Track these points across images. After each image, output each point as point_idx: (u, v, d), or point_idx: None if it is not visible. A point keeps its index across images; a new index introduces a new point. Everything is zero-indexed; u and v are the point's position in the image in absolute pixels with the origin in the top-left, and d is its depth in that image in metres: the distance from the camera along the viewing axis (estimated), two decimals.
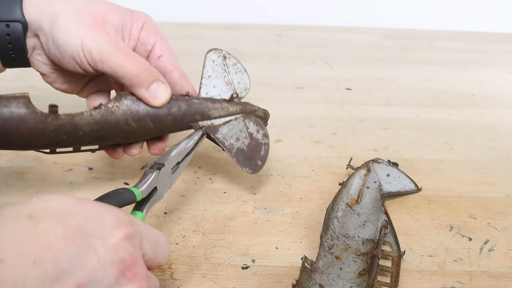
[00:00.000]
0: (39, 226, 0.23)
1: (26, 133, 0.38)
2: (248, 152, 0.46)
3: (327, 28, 1.12)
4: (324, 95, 0.74)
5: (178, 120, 0.42)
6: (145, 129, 0.41)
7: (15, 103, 0.37)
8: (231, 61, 0.48)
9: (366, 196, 0.47)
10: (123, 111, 0.40)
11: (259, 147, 0.46)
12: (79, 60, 0.38)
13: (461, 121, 0.67)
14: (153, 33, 0.43)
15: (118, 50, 0.39)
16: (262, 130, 0.46)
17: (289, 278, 0.38)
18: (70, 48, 0.38)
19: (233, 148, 0.45)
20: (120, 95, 0.41)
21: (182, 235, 0.43)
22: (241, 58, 0.68)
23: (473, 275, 0.39)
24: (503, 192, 0.51)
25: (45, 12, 0.38)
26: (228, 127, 0.45)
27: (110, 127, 0.40)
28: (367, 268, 0.38)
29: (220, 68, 0.47)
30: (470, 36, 1.11)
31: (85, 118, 0.39)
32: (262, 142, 0.46)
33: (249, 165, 0.45)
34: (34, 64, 0.41)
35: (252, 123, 0.46)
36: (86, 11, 0.39)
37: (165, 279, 0.38)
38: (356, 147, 0.59)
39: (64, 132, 0.39)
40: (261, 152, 0.46)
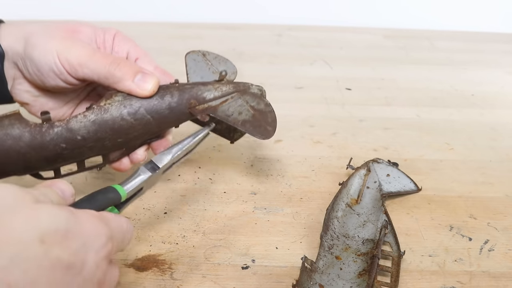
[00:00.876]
0: (49, 255, 0.23)
1: (24, 148, 0.36)
2: (255, 121, 0.44)
3: (327, 28, 1.12)
4: (324, 95, 0.74)
5: (174, 107, 0.42)
6: (144, 123, 0.40)
7: (7, 121, 0.36)
8: (211, 55, 0.48)
9: (366, 196, 0.47)
10: (116, 107, 0.39)
11: (265, 115, 0.45)
12: (58, 70, 0.38)
13: (461, 121, 0.67)
14: (125, 40, 0.44)
15: (95, 51, 0.39)
16: (262, 102, 0.46)
17: (289, 278, 0.38)
18: (47, 61, 0.38)
19: (238, 121, 0.44)
20: (110, 93, 0.40)
21: (182, 235, 0.43)
22: (241, 58, 0.68)
23: (473, 275, 0.39)
24: (503, 192, 0.51)
25: (19, 36, 0.38)
26: (226, 105, 0.44)
27: (108, 125, 0.39)
28: (367, 268, 0.38)
29: (203, 63, 0.47)
30: (470, 36, 1.11)
31: (79, 120, 0.38)
32: (266, 110, 0.45)
33: (259, 132, 0.44)
34: (16, 95, 0.41)
35: (249, 97, 0.45)
36: (57, 27, 0.40)
37: (165, 279, 0.38)
38: (356, 147, 0.59)
39: (62, 140, 0.38)
40: (269, 119, 0.45)
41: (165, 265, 0.39)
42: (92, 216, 0.27)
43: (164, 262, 0.39)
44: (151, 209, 0.46)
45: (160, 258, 0.40)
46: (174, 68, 0.50)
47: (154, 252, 0.40)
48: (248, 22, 1.13)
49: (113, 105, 0.39)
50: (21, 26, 0.40)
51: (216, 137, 0.59)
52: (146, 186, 0.37)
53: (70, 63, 0.38)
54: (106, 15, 1.06)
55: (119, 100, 0.40)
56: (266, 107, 0.46)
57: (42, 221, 0.24)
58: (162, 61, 0.55)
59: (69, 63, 0.38)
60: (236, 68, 0.48)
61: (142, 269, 0.39)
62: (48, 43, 0.38)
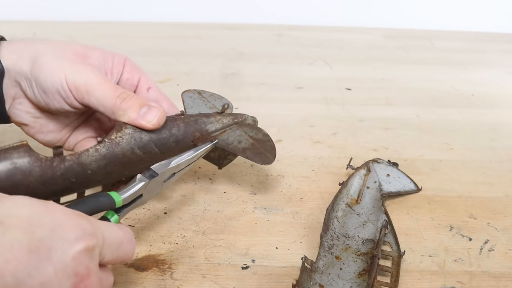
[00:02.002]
0: (7, 235, 0.24)
1: (33, 183, 0.35)
2: (254, 149, 0.46)
3: (327, 28, 1.12)
4: (324, 95, 0.74)
5: (180, 140, 0.42)
6: (151, 155, 0.41)
7: (16, 154, 0.35)
8: (207, 93, 0.49)
9: (366, 196, 0.47)
10: (127, 141, 0.39)
11: (264, 144, 0.46)
12: (64, 95, 0.37)
13: (461, 121, 0.67)
14: (136, 68, 0.43)
15: (104, 81, 0.38)
16: (260, 132, 0.47)
17: (289, 278, 0.38)
18: (54, 83, 0.37)
19: (238, 148, 0.45)
20: (119, 125, 0.39)
21: (182, 235, 0.43)
22: (241, 58, 0.68)
23: (473, 275, 0.39)
24: (503, 192, 0.51)
25: (24, 55, 0.37)
26: (226, 135, 0.45)
27: (118, 159, 0.39)
28: (367, 268, 0.38)
29: (199, 100, 0.48)
30: (470, 36, 1.11)
31: (91, 155, 0.38)
32: (264, 139, 0.46)
33: (260, 158, 0.45)
34: (15, 115, 0.40)
35: (247, 128, 0.47)
36: (66, 48, 0.39)
37: (165, 279, 0.38)
38: (356, 147, 0.59)
39: (72, 175, 0.37)
40: (268, 147, 0.46)
41: (165, 265, 0.39)
42: (70, 211, 0.27)
43: (164, 262, 0.39)
44: (151, 209, 0.46)
45: (160, 258, 0.40)
46: (174, 68, 0.51)
47: (154, 252, 0.40)
48: (248, 22, 1.13)
49: (124, 138, 0.39)
50: (27, 43, 0.38)
51: None
52: (146, 194, 0.36)
53: (77, 88, 0.37)
54: (106, 15, 1.06)
55: (130, 133, 0.39)
56: (264, 137, 0.47)
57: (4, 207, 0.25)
58: (162, 61, 0.56)
59: (76, 88, 0.37)
60: (232, 104, 0.49)
61: (142, 269, 0.39)
62: (57, 65, 0.37)
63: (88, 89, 0.37)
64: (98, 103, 0.38)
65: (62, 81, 0.37)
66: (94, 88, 0.37)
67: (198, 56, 0.88)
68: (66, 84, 0.37)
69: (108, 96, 0.38)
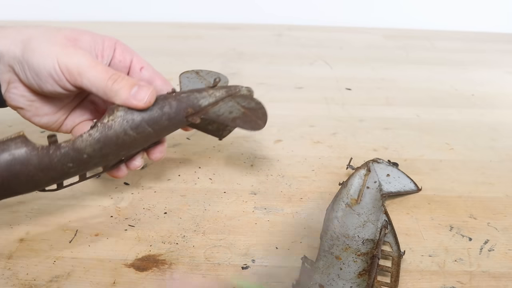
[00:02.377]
0: None
1: (33, 171, 0.37)
2: (245, 117, 0.45)
3: (327, 28, 1.12)
4: (324, 95, 0.74)
5: (172, 117, 0.42)
6: (145, 135, 0.41)
7: (13, 145, 0.36)
8: (204, 72, 0.49)
9: (366, 196, 0.47)
10: (119, 123, 0.39)
11: (256, 112, 0.46)
12: (57, 77, 0.38)
13: (461, 121, 0.67)
14: (127, 50, 0.44)
15: (96, 63, 0.39)
16: (253, 101, 0.46)
17: (289, 278, 0.38)
18: (46, 66, 0.38)
19: (228, 118, 0.45)
20: (111, 109, 0.40)
21: (182, 235, 0.43)
22: (241, 58, 0.68)
23: (473, 275, 0.39)
24: (503, 192, 0.51)
25: (16, 39, 0.38)
26: (217, 107, 0.45)
27: (112, 142, 0.40)
28: (367, 268, 0.38)
29: (196, 79, 0.48)
30: (470, 36, 1.11)
31: (85, 139, 0.38)
32: (257, 108, 0.46)
33: (250, 125, 0.45)
34: (11, 99, 0.41)
35: (240, 99, 0.46)
36: (58, 33, 0.39)
37: (165, 279, 0.38)
38: (356, 147, 0.59)
39: (69, 160, 0.38)
40: (259, 115, 0.46)
41: (165, 265, 0.39)
42: None
43: (164, 262, 0.39)
44: (151, 209, 0.46)
45: (160, 258, 0.40)
46: (174, 68, 0.51)
47: (154, 252, 0.40)
48: (248, 22, 1.13)
49: (116, 121, 0.39)
50: (19, 29, 0.39)
51: (215, 137, 0.59)
52: None
53: (69, 70, 0.38)
54: (106, 15, 1.06)
55: (121, 115, 0.40)
56: (257, 105, 0.46)
57: None
58: (162, 61, 0.56)
59: (68, 70, 0.38)
60: (228, 78, 0.49)
61: (142, 269, 0.39)
62: (49, 48, 0.38)
63: (80, 71, 0.38)
64: (91, 85, 0.38)
65: (54, 64, 0.38)
66: (86, 70, 0.38)
67: (198, 56, 0.88)
68: (58, 67, 0.38)
69: (100, 77, 0.38)
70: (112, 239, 0.42)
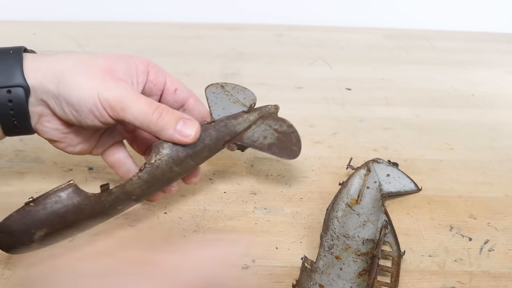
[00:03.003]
0: None
1: (85, 219, 0.38)
2: (280, 143, 0.46)
3: (327, 28, 1.12)
4: (324, 95, 0.74)
5: (212, 148, 0.43)
6: (187, 168, 0.42)
7: (65, 195, 0.36)
8: (230, 86, 0.48)
9: (366, 196, 0.47)
10: (166, 161, 0.40)
11: (289, 136, 0.46)
12: (98, 113, 0.37)
13: (461, 121, 0.67)
14: (160, 71, 0.43)
15: (137, 96, 0.38)
16: (284, 123, 0.47)
17: (289, 278, 0.38)
18: (87, 103, 0.36)
19: (264, 145, 0.45)
20: (157, 146, 0.40)
21: (182, 235, 0.43)
22: (241, 58, 0.68)
23: (473, 275, 0.39)
24: (503, 192, 0.51)
25: (48, 74, 0.37)
26: (251, 132, 0.45)
27: (158, 180, 0.40)
28: (367, 268, 0.38)
29: (222, 94, 0.47)
30: (470, 36, 1.11)
31: (135, 182, 0.39)
32: (289, 131, 0.47)
33: (286, 153, 0.45)
34: (43, 132, 0.40)
35: (272, 121, 0.46)
36: (92, 64, 0.38)
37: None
38: (356, 147, 0.59)
39: (119, 203, 0.39)
40: (293, 140, 0.46)
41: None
42: None
43: None
44: (151, 209, 0.46)
45: None
46: (174, 68, 0.51)
47: None
48: (248, 22, 1.13)
49: (162, 160, 0.40)
50: (49, 61, 0.37)
51: None
52: None
53: (112, 106, 0.37)
54: (106, 15, 1.06)
55: (167, 153, 0.40)
56: (289, 128, 0.47)
57: None
58: (163, 61, 0.55)
59: (111, 106, 0.37)
60: (255, 95, 0.48)
61: None
62: (88, 85, 0.36)
63: (123, 106, 0.37)
64: (134, 119, 0.37)
65: (95, 101, 0.36)
66: (129, 104, 0.37)
67: (198, 56, 0.88)
68: (100, 104, 0.37)
69: (144, 111, 0.37)
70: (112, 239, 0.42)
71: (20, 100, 0.36)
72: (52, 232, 0.37)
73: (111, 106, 0.37)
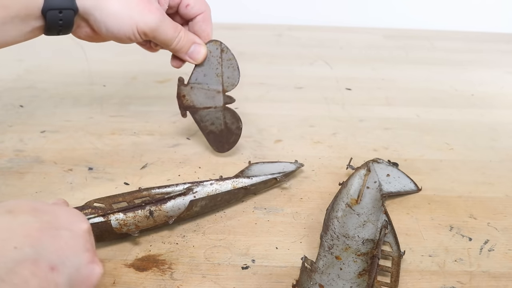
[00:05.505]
0: (18, 219, 0.27)
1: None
2: (219, 136, 0.54)
3: (327, 28, 1.12)
4: (324, 95, 0.74)
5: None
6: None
7: None
8: (227, 55, 0.52)
9: (366, 196, 0.47)
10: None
11: (230, 135, 0.54)
12: (135, 38, 0.45)
13: (461, 121, 0.67)
14: None
15: (167, 23, 0.46)
16: (237, 123, 0.53)
17: (289, 278, 0.38)
18: (126, 31, 0.44)
19: (206, 129, 0.54)
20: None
21: (182, 235, 0.43)
22: (241, 58, 0.68)
23: (473, 275, 0.39)
24: (503, 192, 0.51)
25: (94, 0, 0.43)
26: (206, 112, 0.52)
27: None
28: (367, 268, 0.38)
29: (215, 59, 0.51)
30: (470, 36, 1.11)
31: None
32: (234, 132, 0.54)
33: (216, 146, 0.54)
34: (78, 35, 0.47)
35: (229, 115, 0.53)
36: None
37: (165, 279, 0.38)
38: (356, 147, 0.59)
39: None
40: (230, 140, 0.54)
41: (165, 265, 0.39)
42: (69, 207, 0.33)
43: (164, 262, 0.39)
44: None
45: (160, 258, 0.40)
46: (174, 68, 0.51)
47: (154, 252, 0.40)
48: (248, 22, 1.13)
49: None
50: None
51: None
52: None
53: (146, 34, 0.45)
54: None
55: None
56: (236, 130, 0.53)
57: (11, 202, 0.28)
58: (163, 61, 0.56)
59: (146, 34, 0.45)
60: (239, 80, 0.52)
61: (142, 269, 0.39)
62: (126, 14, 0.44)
63: (155, 34, 0.46)
64: (161, 42, 0.47)
65: (134, 31, 0.44)
66: (160, 31, 0.46)
67: None
68: (137, 33, 0.45)
69: (170, 37, 0.47)
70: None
71: (69, 18, 0.44)
72: None
73: (146, 33, 0.45)
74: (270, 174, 0.49)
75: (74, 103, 0.69)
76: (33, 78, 0.77)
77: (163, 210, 0.42)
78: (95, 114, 0.65)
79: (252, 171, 0.50)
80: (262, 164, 0.52)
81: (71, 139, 0.58)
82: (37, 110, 0.66)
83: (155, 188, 0.45)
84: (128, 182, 0.50)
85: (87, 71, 0.81)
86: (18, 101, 0.68)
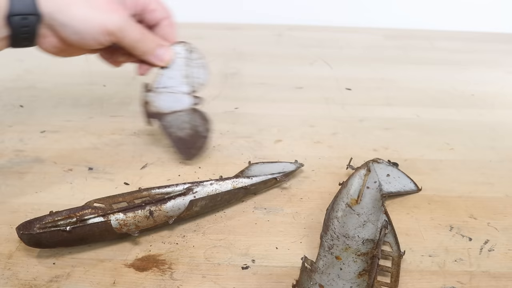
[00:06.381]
0: None
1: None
2: (187, 141, 0.53)
3: (327, 28, 1.12)
4: (324, 95, 0.74)
5: None
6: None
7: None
8: (195, 55, 0.52)
9: (366, 196, 0.47)
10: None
11: (198, 139, 0.53)
12: (103, 40, 0.44)
13: (461, 121, 0.67)
14: None
15: (134, 26, 0.46)
16: (206, 125, 0.53)
17: (289, 278, 0.38)
18: (92, 33, 0.43)
19: (172, 135, 0.52)
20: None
21: (182, 235, 0.43)
22: (241, 58, 0.68)
23: (473, 275, 0.39)
24: (503, 192, 0.51)
25: (58, 3, 0.42)
26: (175, 116, 0.51)
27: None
28: (367, 268, 0.38)
29: (181, 61, 0.51)
30: (470, 36, 1.11)
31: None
32: (202, 135, 0.53)
33: (184, 153, 0.53)
34: (43, 47, 0.45)
35: (198, 118, 0.52)
36: None
37: (165, 279, 0.38)
38: (356, 147, 0.59)
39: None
40: (198, 144, 0.53)
41: (165, 265, 0.39)
42: None
43: (164, 262, 0.39)
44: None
45: (160, 258, 0.40)
46: None
47: (154, 252, 0.40)
48: (248, 22, 1.13)
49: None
50: None
51: (216, 137, 0.59)
52: None
53: (115, 36, 0.44)
54: None
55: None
56: (205, 132, 0.53)
57: None
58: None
59: (115, 36, 0.44)
60: (207, 81, 0.53)
61: (142, 269, 0.39)
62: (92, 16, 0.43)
63: (124, 34, 0.45)
64: (127, 44, 0.46)
65: (102, 30, 0.43)
66: (127, 34, 0.45)
67: None
68: (106, 33, 0.44)
69: (136, 39, 0.46)
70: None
71: (33, 25, 0.42)
72: None
73: (114, 33, 0.44)
74: (270, 174, 0.49)
75: (74, 103, 0.69)
76: (33, 78, 0.77)
77: (163, 210, 0.42)
78: (95, 114, 0.65)
79: (252, 171, 0.50)
80: (262, 164, 0.52)
81: (71, 139, 0.58)
82: (37, 110, 0.66)
83: (155, 188, 0.45)
84: (128, 182, 0.50)
85: (87, 71, 0.81)
86: (18, 101, 0.68)
